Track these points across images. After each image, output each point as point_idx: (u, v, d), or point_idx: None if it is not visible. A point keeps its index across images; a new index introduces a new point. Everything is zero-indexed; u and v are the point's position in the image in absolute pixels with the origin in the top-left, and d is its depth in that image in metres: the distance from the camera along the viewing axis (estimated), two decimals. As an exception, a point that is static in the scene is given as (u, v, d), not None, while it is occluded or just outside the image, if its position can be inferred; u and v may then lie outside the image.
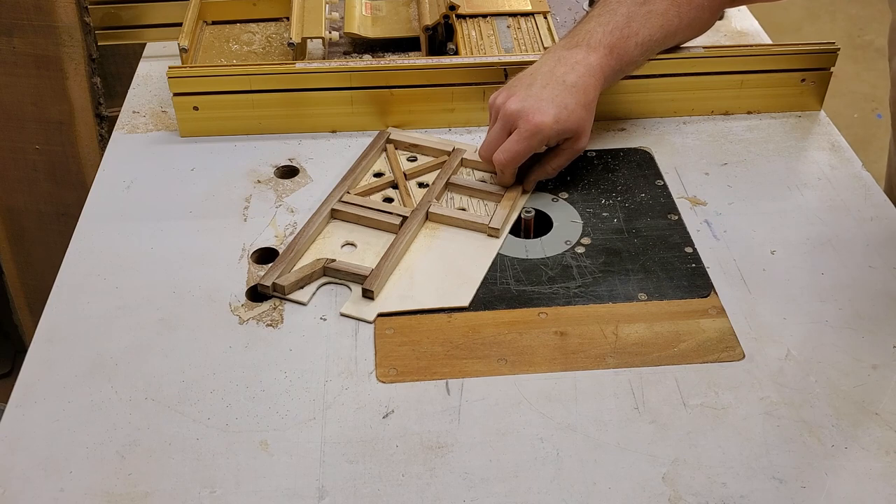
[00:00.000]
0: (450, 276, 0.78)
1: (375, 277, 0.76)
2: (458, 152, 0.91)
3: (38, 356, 0.72)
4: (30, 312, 1.56)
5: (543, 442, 0.65)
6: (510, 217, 0.84)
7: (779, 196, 0.88)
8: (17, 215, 1.44)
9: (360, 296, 0.76)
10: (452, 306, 0.75)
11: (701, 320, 0.74)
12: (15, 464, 0.64)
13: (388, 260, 0.78)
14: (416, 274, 0.79)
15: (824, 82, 0.99)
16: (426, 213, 0.84)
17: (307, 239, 0.81)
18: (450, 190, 0.88)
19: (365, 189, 0.87)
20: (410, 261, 0.80)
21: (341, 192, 0.86)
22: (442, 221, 0.84)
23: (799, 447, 0.64)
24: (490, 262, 0.80)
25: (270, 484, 0.62)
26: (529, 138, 0.82)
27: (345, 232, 0.83)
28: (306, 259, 0.80)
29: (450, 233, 0.83)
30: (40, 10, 1.26)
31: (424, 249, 0.81)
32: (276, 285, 0.76)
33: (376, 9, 1.15)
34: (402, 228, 0.82)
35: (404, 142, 0.94)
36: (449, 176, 0.88)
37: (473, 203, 0.87)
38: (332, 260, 0.79)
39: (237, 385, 0.69)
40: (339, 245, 0.82)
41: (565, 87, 0.84)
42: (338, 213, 0.84)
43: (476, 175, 0.90)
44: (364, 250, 0.81)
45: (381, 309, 0.75)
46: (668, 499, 0.61)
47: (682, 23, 0.91)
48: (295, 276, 0.77)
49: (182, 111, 0.95)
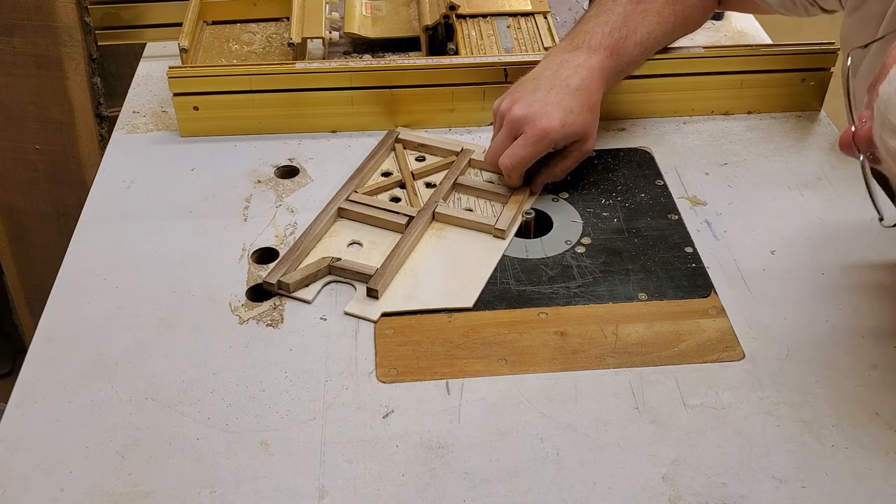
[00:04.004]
0: (454, 277, 0.78)
1: (380, 277, 0.76)
2: (466, 153, 0.91)
3: (38, 356, 0.72)
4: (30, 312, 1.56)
5: (543, 442, 0.65)
6: (516, 218, 0.84)
7: (779, 196, 0.88)
8: (17, 215, 1.44)
9: (364, 295, 0.76)
10: (456, 307, 0.75)
11: (701, 320, 0.74)
12: (15, 464, 0.64)
13: (394, 259, 0.78)
14: (421, 274, 0.79)
15: (824, 82, 0.99)
16: (433, 213, 0.84)
17: (313, 237, 0.81)
18: (457, 190, 0.88)
19: (372, 188, 0.87)
20: (416, 261, 0.80)
21: (349, 191, 0.86)
22: (448, 222, 0.84)
23: (799, 447, 0.64)
24: (496, 263, 0.80)
25: (270, 484, 0.62)
26: (536, 143, 0.82)
27: (351, 231, 0.83)
28: (312, 257, 0.80)
29: (456, 233, 0.83)
30: (40, 10, 1.26)
31: (430, 249, 0.81)
32: (282, 283, 0.76)
33: (376, 9, 1.15)
34: (409, 228, 0.82)
35: (413, 141, 0.94)
36: (456, 176, 0.88)
37: (480, 204, 0.87)
38: (338, 258, 0.79)
39: (237, 385, 0.69)
40: (345, 244, 0.82)
41: (569, 90, 0.84)
42: (345, 211, 0.84)
43: (484, 176, 0.90)
44: (370, 249, 0.81)
45: (385, 308, 0.75)
46: (668, 499, 0.61)
47: (677, 20, 0.92)
48: (300, 274, 0.77)
49: (182, 111, 0.95)
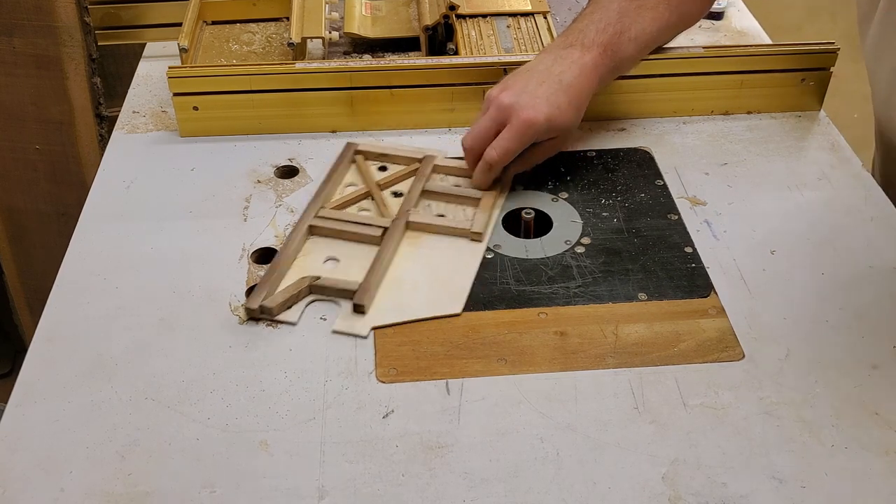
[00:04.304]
0: (438, 285, 0.77)
1: (365, 291, 0.75)
2: (429, 159, 0.89)
3: (38, 356, 0.72)
4: (30, 312, 1.56)
5: (543, 442, 0.65)
6: (490, 220, 0.83)
7: (779, 196, 0.88)
8: (17, 215, 1.44)
9: (350, 311, 0.75)
10: (446, 314, 0.75)
11: (701, 320, 0.74)
12: (15, 464, 0.64)
13: (376, 272, 0.77)
14: (405, 284, 0.78)
15: (824, 82, 0.98)
16: (406, 221, 0.83)
17: (288, 258, 0.79)
18: (426, 197, 0.86)
19: (340, 202, 0.85)
20: (396, 272, 0.79)
21: (316, 208, 0.84)
22: (423, 229, 0.83)
23: (799, 447, 0.64)
24: (477, 266, 0.79)
25: (270, 484, 0.62)
26: (521, 134, 0.82)
27: (325, 247, 0.81)
28: (290, 278, 0.78)
29: (432, 240, 0.82)
30: (40, 10, 1.26)
31: (409, 259, 0.80)
32: (264, 307, 0.74)
33: (376, 9, 1.15)
34: (385, 239, 0.80)
35: (373, 152, 0.91)
36: (424, 183, 0.87)
37: (451, 209, 0.85)
38: (318, 277, 0.77)
39: (237, 385, 0.69)
40: (321, 261, 0.80)
41: (561, 86, 0.84)
42: (316, 228, 0.82)
43: (450, 180, 0.89)
44: (348, 265, 0.79)
45: (374, 322, 0.74)
46: (668, 499, 0.61)
47: (672, 16, 0.91)
48: (282, 297, 0.75)
49: (182, 111, 0.95)
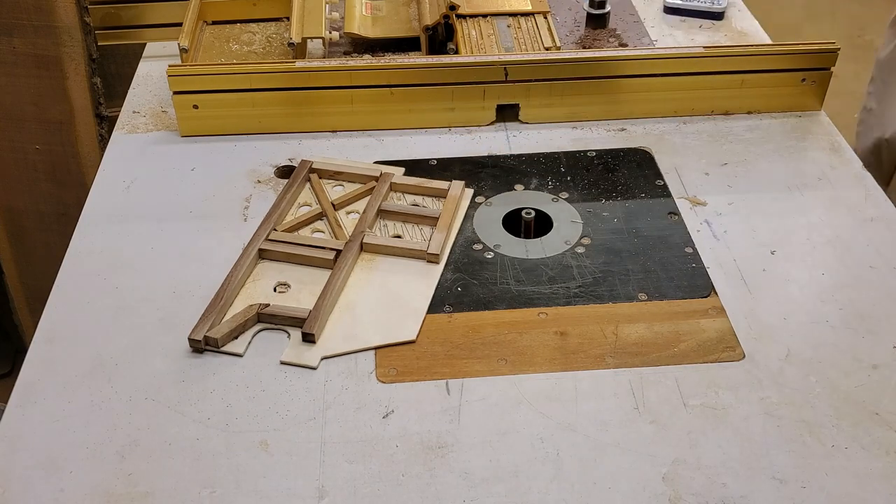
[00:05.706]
0: (393, 309, 0.75)
1: (315, 319, 0.72)
2: (386, 177, 0.87)
3: (38, 356, 0.72)
4: (30, 312, 1.55)
5: (543, 442, 0.65)
6: (448, 240, 0.81)
7: (779, 196, 0.88)
8: (17, 215, 1.44)
9: (299, 340, 0.72)
10: (399, 341, 0.72)
11: (701, 320, 0.74)
12: (15, 464, 0.64)
13: (327, 299, 0.73)
14: (358, 310, 0.75)
15: (824, 82, 0.99)
16: (360, 243, 0.80)
17: (236, 284, 0.76)
18: (382, 217, 0.84)
19: (292, 224, 0.82)
20: (350, 296, 0.76)
21: (267, 230, 0.81)
22: (378, 251, 0.80)
23: (799, 447, 0.64)
24: (433, 289, 0.76)
25: (270, 484, 0.62)
26: None
27: (275, 272, 0.78)
28: (237, 306, 0.74)
29: (387, 262, 0.79)
30: (40, 10, 1.26)
31: (363, 283, 0.77)
32: (209, 338, 0.71)
33: (376, 9, 1.15)
34: (338, 263, 0.77)
35: (328, 170, 0.89)
36: (380, 202, 0.84)
37: (408, 229, 0.83)
38: (266, 304, 0.74)
39: (237, 385, 0.69)
40: (271, 287, 0.77)
41: None
42: (266, 252, 0.79)
43: (408, 199, 0.86)
44: (298, 290, 0.76)
45: (324, 352, 0.71)
46: (668, 499, 0.61)
47: None
48: (227, 327, 0.72)
49: (182, 109, 0.95)
